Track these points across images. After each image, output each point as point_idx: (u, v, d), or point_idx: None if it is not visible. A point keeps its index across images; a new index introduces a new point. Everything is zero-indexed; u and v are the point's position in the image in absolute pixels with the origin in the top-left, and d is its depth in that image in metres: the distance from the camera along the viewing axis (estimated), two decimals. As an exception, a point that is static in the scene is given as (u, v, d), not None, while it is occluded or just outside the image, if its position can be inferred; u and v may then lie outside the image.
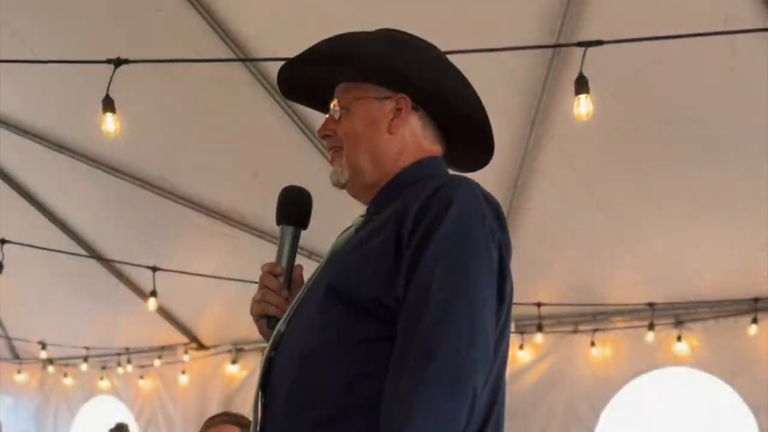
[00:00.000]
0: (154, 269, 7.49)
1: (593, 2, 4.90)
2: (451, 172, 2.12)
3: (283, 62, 2.14)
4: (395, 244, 1.83)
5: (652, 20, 4.86)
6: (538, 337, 7.39)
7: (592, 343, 7.32)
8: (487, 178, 2.00)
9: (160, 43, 5.48)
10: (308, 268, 2.08)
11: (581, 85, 4.32)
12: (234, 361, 8.83)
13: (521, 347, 7.43)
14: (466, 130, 2.13)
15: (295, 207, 2.14)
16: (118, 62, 4.46)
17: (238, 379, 8.84)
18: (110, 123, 4.71)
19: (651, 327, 7.02)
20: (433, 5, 5.02)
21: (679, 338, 7.03)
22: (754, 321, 6.66)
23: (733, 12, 4.77)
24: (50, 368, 10.24)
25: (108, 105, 4.62)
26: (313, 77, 2.11)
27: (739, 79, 5.14)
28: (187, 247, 7.62)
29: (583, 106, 4.40)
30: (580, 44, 4.22)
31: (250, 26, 5.40)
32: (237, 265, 7.28)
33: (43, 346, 9.74)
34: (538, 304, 7.11)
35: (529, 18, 5.04)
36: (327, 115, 2.11)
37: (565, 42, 4.91)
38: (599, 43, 4.14)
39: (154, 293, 7.57)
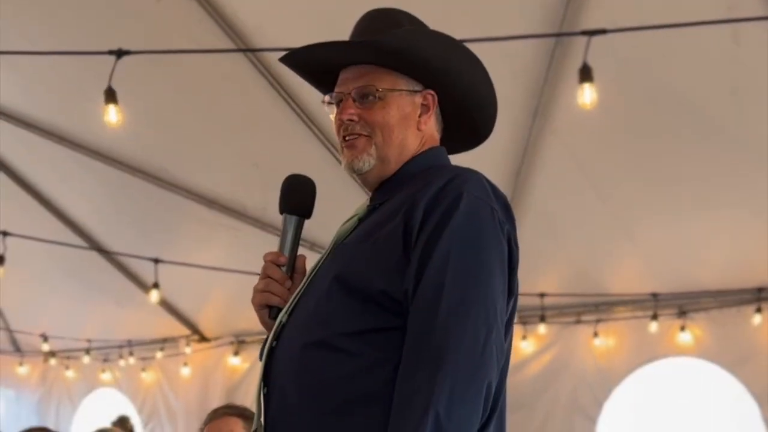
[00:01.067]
0: (156, 261, 7.49)
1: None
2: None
3: (282, 52, 2.10)
4: (404, 236, 1.83)
5: (654, 9, 4.84)
6: (541, 328, 7.38)
7: (595, 334, 7.32)
8: (489, 167, 2.00)
9: (161, 34, 5.46)
10: (310, 259, 2.07)
11: (585, 74, 4.31)
12: (236, 353, 8.83)
13: (524, 338, 7.42)
14: (471, 127, 2.14)
15: (298, 196, 2.11)
16: (119, 53, 4.45)
17: (240, 371, 8.84)
18: (112, 114, 4.71)
19: (654, 317, 7.02)
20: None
21: (682, 328, 7.02)
22: (758, 311, 6.67)
23: (736, 1, 4.75)
24: (52, 361, 10.24)
25: (110, 96, 4.62)
26: (330, 57, 2.05)
27: (741, 68, 5.12)
28: (188, 238, 7.61)
29: (587, 94, 4.38)
30: (584, 33, 4.20)
31: (251, 17, 5.37)
32: (238, 257, 7.27)
33: (45, 338, 9.75)
34: (542, 295, 7.10)
35: (532, 7, 5.01)
36: (327, 97, 2.06)
37: (568, 31, 4.89)
38: (603, 32, 4.12)
39: (156, 285, 7.57)
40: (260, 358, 2.00)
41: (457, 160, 2.12)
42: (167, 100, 6.16)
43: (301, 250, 2.09)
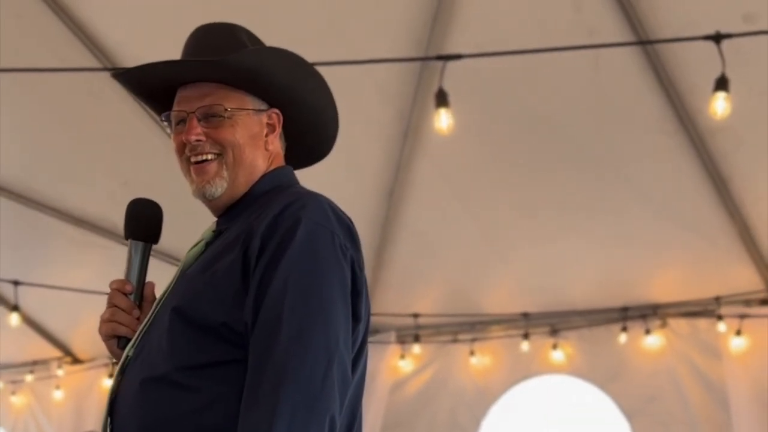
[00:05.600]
0: (16, 283, 7.24)
1: (461, 15, 4.90)
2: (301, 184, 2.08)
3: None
4: (242, 266, 1.79)
5: (518, 33, 4.91)
6: (416, 348, 7.38)
7: (472, 353, 7.35)
8: (362, 187, 1.99)
9: (21, 50, 5.30)
10: (169, 274, 2.01)
11: (441, 99, 4.32)
12: (111, 375, 8.62)
13: (402, 357, 7.42)
14: (312, 145, 2.13)
15: (144, 222, 2.09)
16: (-30, 70, 4.30)
17: (116, 394, 8.64)
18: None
19: (526, 336, 7.09)
20: (302, 15, 4.97)
21: (554, 346, 7.11)
22: (624, 329, 6.78)
23: (597, 26, 4.85)
24: None
25: (-41, 114, 4.45)
26: (171, 75, 1.99)
27: (601, 91, 5.23)
28: (56, 258, 7.39)
29: (444, 119, 4.39)
30: (439, 58, 4.22)
31: (114, 33, 5.26)
32: (110, 276, 7.05)
33: None
34: (415, 315, 7.10)
35: (398, 29, 5.02)
36: (164, 115, 2.01)
37: (433, 54, 4.91)
38: (458, 56, 4.14)
39: (16, 308, 7.33)
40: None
41: (329, 178, 2.09)
42: (31, 117, 5.97)
43: (161, 265, 2.04)
